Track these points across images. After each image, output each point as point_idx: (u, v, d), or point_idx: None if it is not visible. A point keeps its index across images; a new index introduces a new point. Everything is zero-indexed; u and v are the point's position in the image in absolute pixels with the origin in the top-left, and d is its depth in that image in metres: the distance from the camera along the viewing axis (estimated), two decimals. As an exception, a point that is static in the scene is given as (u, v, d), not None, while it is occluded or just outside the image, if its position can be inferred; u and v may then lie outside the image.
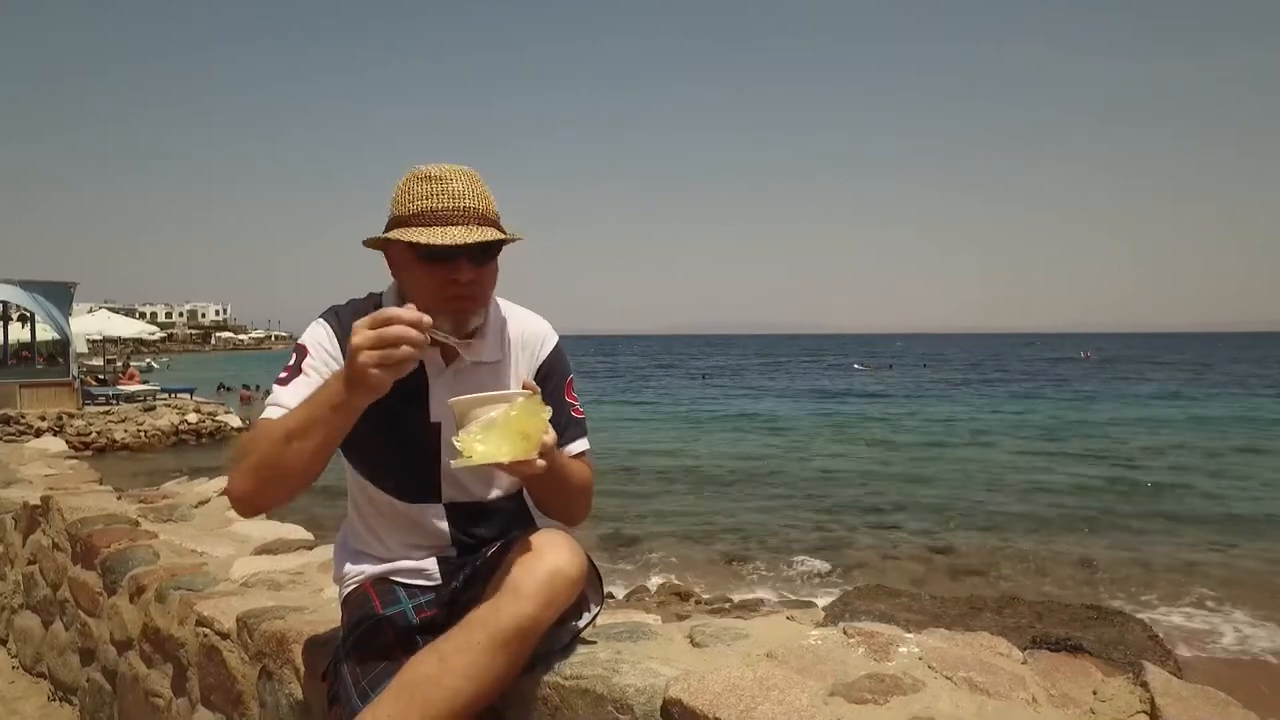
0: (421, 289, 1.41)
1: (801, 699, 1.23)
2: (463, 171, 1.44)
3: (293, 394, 1.41)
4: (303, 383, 1.43)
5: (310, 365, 1.46)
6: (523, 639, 1.29)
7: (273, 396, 1.44)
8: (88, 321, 27.70)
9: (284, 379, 1.46)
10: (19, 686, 3.41)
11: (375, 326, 1.20)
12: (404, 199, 1.42)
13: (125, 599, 2.60)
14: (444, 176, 1.42)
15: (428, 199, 1.40)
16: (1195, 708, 1.24)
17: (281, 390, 1.44)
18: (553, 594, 1.31)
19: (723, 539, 10.75)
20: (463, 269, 1.40)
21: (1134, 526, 11.33)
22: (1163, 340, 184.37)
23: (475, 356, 1.52)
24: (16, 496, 3.79)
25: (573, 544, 1.38)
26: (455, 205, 1.40)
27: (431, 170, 1.43)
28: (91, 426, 18.03)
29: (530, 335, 1.60)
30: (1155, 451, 18.69)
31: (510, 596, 1.29)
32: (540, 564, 1.32)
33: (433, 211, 1.39)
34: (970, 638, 1.52)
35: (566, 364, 1.63)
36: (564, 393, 1.59)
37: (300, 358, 1.47)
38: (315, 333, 1.50)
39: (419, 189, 1.41)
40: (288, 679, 1.88)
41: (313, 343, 1.48)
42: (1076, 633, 5.64)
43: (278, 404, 1.41)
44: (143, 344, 49.05)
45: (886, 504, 12.94)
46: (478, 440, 1.28)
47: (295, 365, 1.47)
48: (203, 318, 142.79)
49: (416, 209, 1.40)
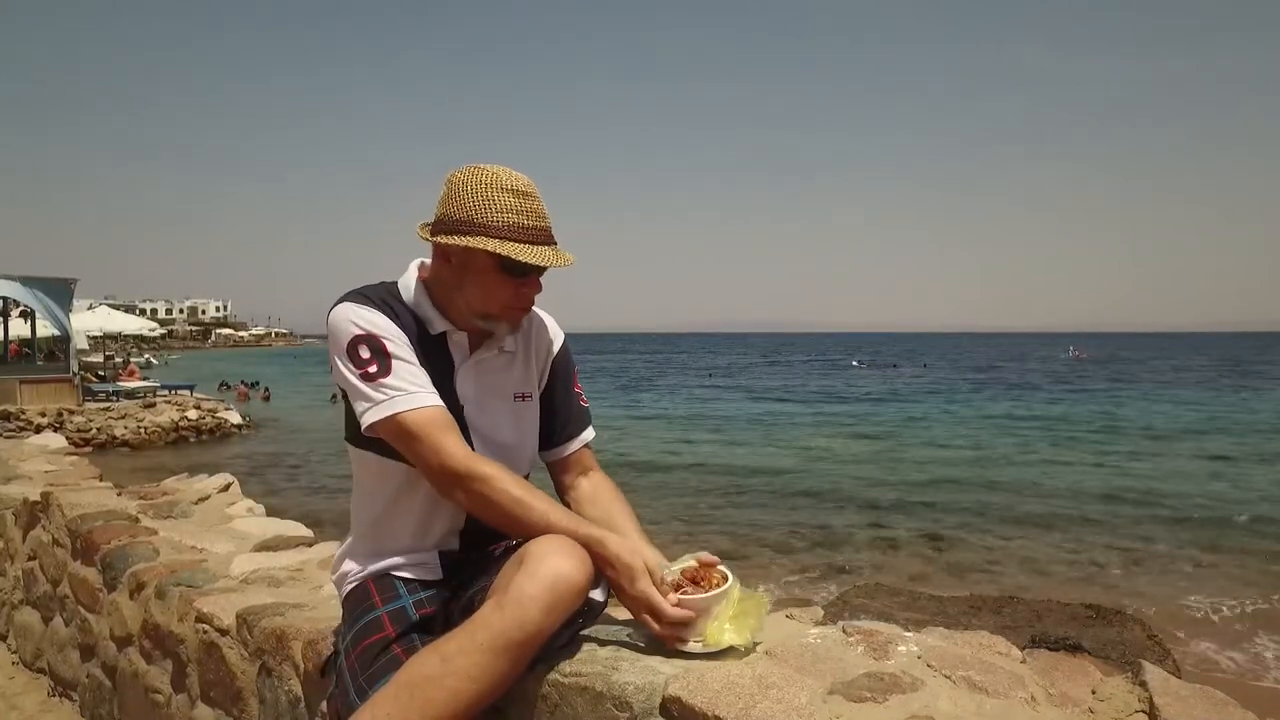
0: (493, 297, 1.50)
1: (800, 697, 1.23)
2: (534, 187, 1.51)
3: (405, 379, 1.43)
4: (404, 368, 1.44)
5: (394, 348, 1.45)
6: (526, 644, 1.29)
7: (380, 391, 1.42)
8: (88, 318, 27.71)
9: (377, 372, 1.43)
10: (19, 682, 3.41)
11: (655, 616, 1.37)
12: (488, 208, 1.45)
13: (125, 595, 2.61)
14: (529, 193, 1.48)
15: (518, 214, 1.46)
16: (1194, 707, 1.24)
17: (391, 381, 1.42)
18: (557, 599, 1.30)
19: (722, 536, 10.75)
20: (534, 284, 1.51)
21: (1134, 526, 11.33)
22: (1160, 340, 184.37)
23: (499, 345, 1.60)
24: (17, 492, 3.79)
25: (579, 549, 1.37)
26: (541, 225, 1.49)
27: (514, 183, 1.48)
28: (92, 423, 18.02)
29: (541, 332, 1.69)
30: (1156, 451, 18.69)
31: (514, 600, 1.29)
32: (546, 568, 1.31)
33: (524, 228, 1.46)
34: (969, 637, 1.52)
35: (572, 359, 1.74)
36: (573, 384, 1.73)
37: (377, 345, 1.44)
38: (367, 316, 1.47)
39: (507, 202, 1.46)
40: (287, 676, 1.88)
41: (377, 327, 1.46)
42: (1075, 632, 5.64)
43: (403, 391, 1.42)
44: (143, 340, 49.07)
45: (886, 502, 12.94)
46: (727, 631, 1.39)
47: (378, 352, 1.44)
48: (203, 314, 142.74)
49: (508, 223, 1.45)
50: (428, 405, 1.43)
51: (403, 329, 1.50)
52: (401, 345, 1.47)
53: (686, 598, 1.39)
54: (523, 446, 1.65)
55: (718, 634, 1.37)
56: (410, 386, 1.43)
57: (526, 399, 1.64)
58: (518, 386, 1.63)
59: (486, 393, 1.59)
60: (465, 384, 1.56)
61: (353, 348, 1.45)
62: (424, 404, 1.43)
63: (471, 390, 1.57)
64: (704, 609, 1.38)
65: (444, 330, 1.55)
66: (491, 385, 1.60)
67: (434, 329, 1.54)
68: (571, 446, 1.69)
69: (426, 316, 1.54)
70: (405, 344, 1.48)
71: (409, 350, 1.47)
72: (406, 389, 1.43)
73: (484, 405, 1.58)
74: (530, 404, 1.65)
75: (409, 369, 1.45)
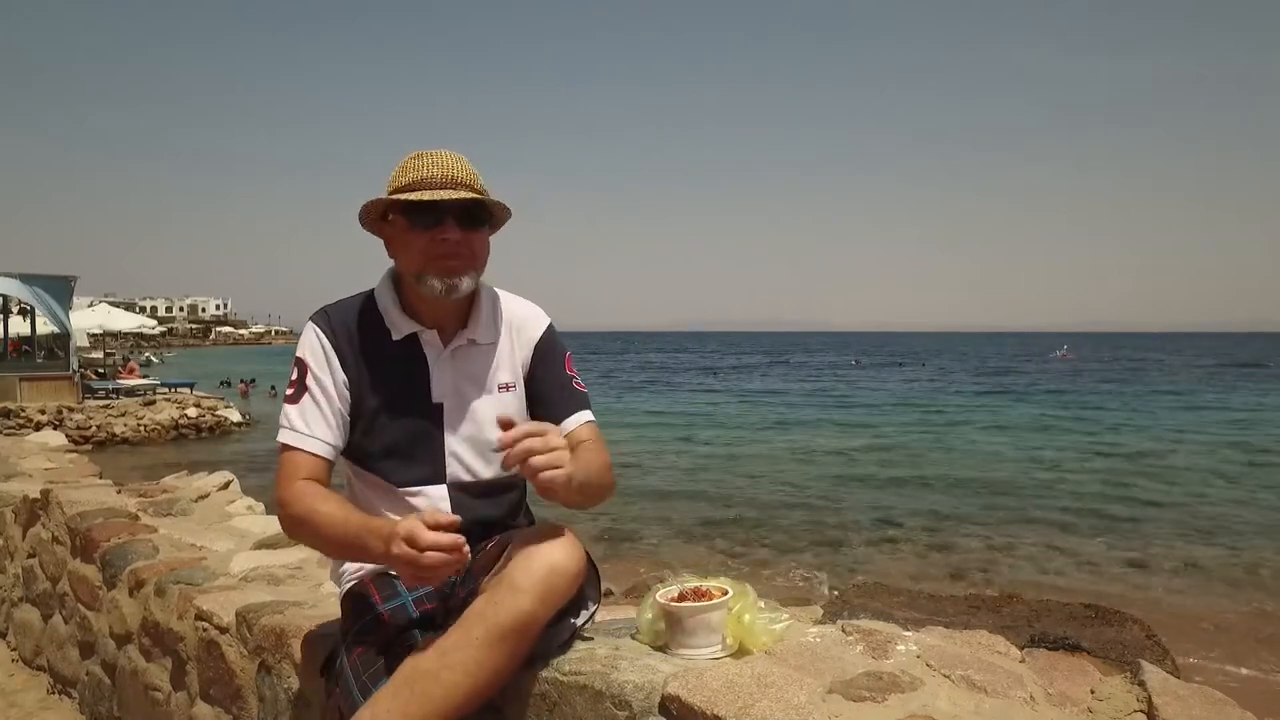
0: (411, 253, 1.51)
1: (799, 696, 1.23)
2: (451, 151, 1.54)
3: (303, 417, 1.53)
4: (310, 404, 1.53)
5: (313, 380, 1.54)
6: (520, 634, 1.30)
7: (285, 417, 1.54)
8: (88, 315, 27.70)
9: (292, 396, 1.55)
10: (19, 679, 3.41)
11: (414, 546, 1.28)
12: (396, 176, 1.53)
13: (125, 593, 2.61)
14: (432, 152, 1.53)
15: (417, 170, 1.51)
16: (1193, 707, 1.25)
17: (292, 411, 1.53)
18: (550, 589, 1.32)
19: (722, 536, 10.75)
20: (450, 228, 1.49)
21: (1133, 525, 11.33)
22: (1159, 340, 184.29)
23: (470, 336, 1.60)
24: (16, 490, 3.79)
25: (571, 539, 1.39)
26: (444, 174, 1.50)
27: (422, 151, 1.54)
28: (91, 420, 18.02)
29: (522, 319, 1.67)
30: (1156, 451, 18.69)
31: (507, 591, 1.30)
32: (538, 559, 1.33)
33: (421, 180, 1.49)
34: (968, 636, 1.53)
35: (560, 342, 1.70)
36: (563, 367, 1.67)
37: (302, 373, 1.55)
38: (310, 342, 1.57)
39: (409, 164, 1.53)
40: (286, 673, 1.88)
41: (310, 354, 1.56)
42: (1074, 632, 5.64)
43: (292, 428, 1.52)
44: (143, 338, 49.07)
45: (885, 501, 12.94)
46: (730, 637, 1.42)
47: (299, 381, 1.55)
48: (203, 312, 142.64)
49: (406, 181, 1.51)
50: (300, 449, 1.51)
51: (357, 350, 1.56)
52: (325, 377, 1.54)
53: (684, 605, 1.40)
54: None
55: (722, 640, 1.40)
56: (301, 424, 1.52)
57: (510, 389, 1.63)
58: (500, 377, 1.63)
59: (467, 386, 1.60)
60: (441, 381, 1.58)
61: (293, 363, 1.58)
62: (299, 446, 1.51)
63: (449, 386, 1.58)
64: (703, 618, 1.39)
65: (412, 332, 1.57)
66: (472, 378, 1.61)
67: (398, 333, 1.57)
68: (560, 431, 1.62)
69: (393, 322, 1.58)
70: (330, 378, 1.54)
71: (330, 384, 1.54)
72: (297, 426, 1.52)
73: (464, 399, 1.59)
74: (514, 394, 1.64)
75: (313, 408, 1.53)
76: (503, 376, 1.63)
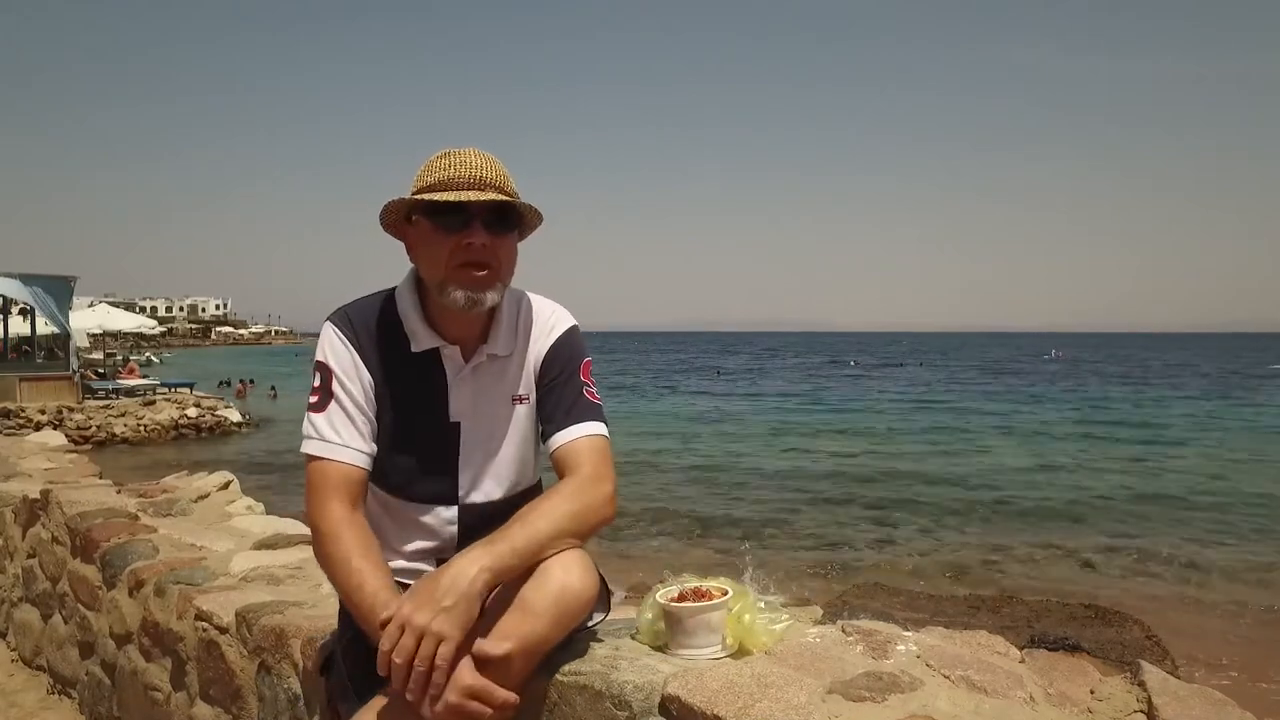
0: (436, 259, 1.42)
1: (799, 697, 1.23)
2: (481, 151, 1.46)
3: (332, 424, 1.43)
4: (338, 411, 1.44)
5: (339, 386, 1.45)
6: (529, 656, 1.28)
7: (311, 426, 1.43)
8: (88, 316, 27.70)
9: (316, 404, 1.45)
10: (18, 679, 3.41)
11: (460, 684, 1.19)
12: (421, 175, 1.44)
13: (124, 593, 2.61)
14: (461, 151, 1.43)
15: (445, 170, 1.41)
16: (1192, 707, 1.25)
17: (319, 419, 1.43)
18: (562, 612, 1.29)
19: (721, 536, 10.75)
20: (476, 233, 1.39)
21: (1132, 526, 11.33)
22: (1158, 341, 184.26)
23: (491, 351, 1.51)
24: (16, 490, 3.79)
25: (585, 561, 1.35)
26: (472, 174, 1.41)
27: (449, 149, 1.45)
28: (91, 420, 18.03)
29: (541, 324, 1.56)
30: (1156, 451, 18.69)
31: (519, 613, 1.27)
32: (552, 582, 1.29)
33: (448, 180, 1.40)
34: (968, 636, 1.52)
35: (579, 348, 1.57)
36: (575, 374, 1.53)
37: (326, 379, 1.45)
38: (333, 345, 1.47)
39: (436, 163, 1.43)
40: (286, 674, 1.88)
41: (334, 358, 1.46)
42: (1074, 632, 5.65)
43: (322, 438, 1.42)
44: (142, 338, 49.06)
45: (885, 502, 12.94)
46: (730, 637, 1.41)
47: (323, 387, 1.45)
48: (203, 312, 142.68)
49: (432, 180, 1.41)
50: (334, 459, 1.42)
51: (376, 358, 1.47)
52: (352, 384, 1.45)
53: (684, 605, 1.39)
54: (524, 455, 1.57)
55: (723, 639, 1.40)
56: (331, 434, 1.42)
57: (524, 401, 1.54)
58: (514, 389, 1.54)
59: (484, 403, 1.52)
60: (461, 399, 1.50)
61: (315, 369, 1.48)
62: (332, 457, 1.42)
63: (469, 404, 1.51)
64: (703, 618, 1.39)
65: (434, 347, 1.48)
66: (489, 394, 1.52)
67: (419, 345, 1.48)
68: (554, 443, 1.49)
69: (413, 332, 1.48)
70: (358, 384, 1.45)
71: (358, 390, 1.45)
72: (327, 436, 1.42)
73: (483, 417, 1.52)
74: (527, 405, 1.55)
75: (341, 415, 1.43)
76: (518, 388, 1.54)
